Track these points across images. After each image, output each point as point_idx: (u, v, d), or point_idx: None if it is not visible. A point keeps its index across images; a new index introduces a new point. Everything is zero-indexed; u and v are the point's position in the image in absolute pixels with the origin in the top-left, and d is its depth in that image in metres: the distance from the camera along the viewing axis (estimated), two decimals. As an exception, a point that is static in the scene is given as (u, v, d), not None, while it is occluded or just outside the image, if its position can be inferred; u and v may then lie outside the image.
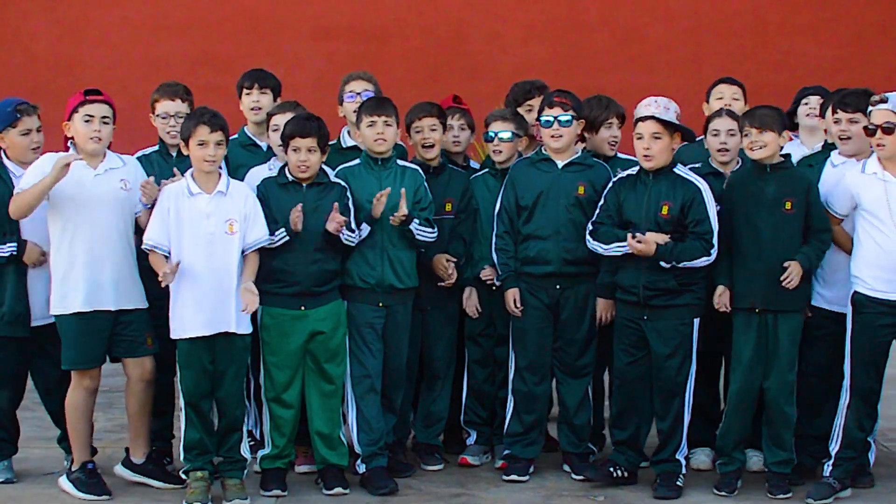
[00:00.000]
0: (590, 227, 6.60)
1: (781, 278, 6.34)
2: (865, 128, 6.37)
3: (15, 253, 6.43)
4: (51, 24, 11.28)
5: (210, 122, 6.26)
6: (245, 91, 7.18)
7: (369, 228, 6.58)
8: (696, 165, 6.87)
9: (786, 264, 6.35)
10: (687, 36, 11.25)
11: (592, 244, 6.57)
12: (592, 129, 7.01)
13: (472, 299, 6.97)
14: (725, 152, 6.83)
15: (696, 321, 6.53)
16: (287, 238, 6.40)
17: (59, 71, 10.92)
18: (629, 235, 6.37)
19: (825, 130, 6.91)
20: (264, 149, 7.02)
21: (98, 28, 11.27)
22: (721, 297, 6.47)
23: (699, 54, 11.12)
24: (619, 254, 6.48)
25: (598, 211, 6.60)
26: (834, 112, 6.61)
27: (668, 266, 6.38)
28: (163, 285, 6.17)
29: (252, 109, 7.13)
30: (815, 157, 6.83)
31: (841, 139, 6.59)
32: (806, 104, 7.15)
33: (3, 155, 6.59)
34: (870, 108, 6.35)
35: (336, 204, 6.41)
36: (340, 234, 6.41)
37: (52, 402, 6.67)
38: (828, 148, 6.81)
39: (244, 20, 11.23)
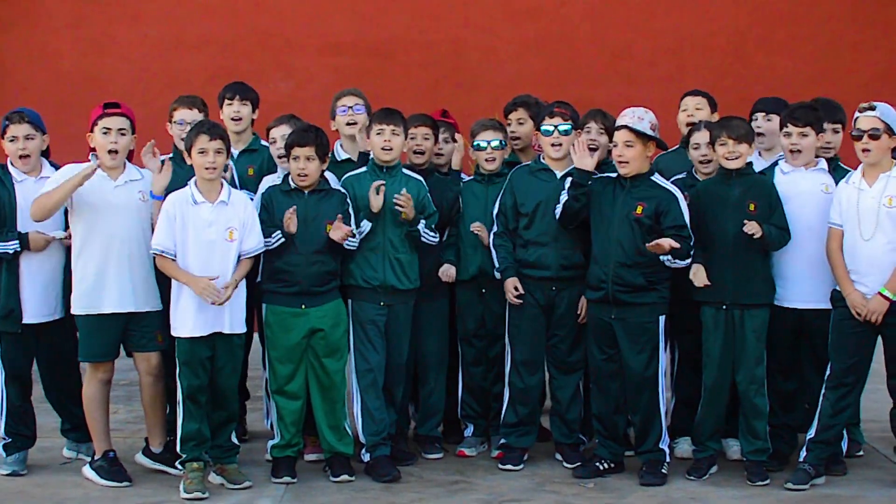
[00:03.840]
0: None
1: (745, 228, 6.31)
2: (852, 133, 6.35)
3: (18, 249, 6.42)
4: (75, 42, 11.27)
5: (209, 131, 6.29)
6: (227, 102, 7.26)
7: (370, 225, 6.56)
8: (681, 176, 6.88)
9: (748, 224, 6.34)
10: (671, 52, 11.25)
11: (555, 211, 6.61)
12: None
13: (449, 270, 6.88)
14: (707, 163, 6.84)
15: (662, 318, 6.54)
16: (283, 240, 6.40)
17: (84, 85, 10.90)
18: (653, 244, 6.31)
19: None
20: (235, 155, 7.06)
21: (120, 45, 11.25)
22: (697, 274, 6.43)
23: (683, 69, 11.10)
24: (565, 199, 6.49)
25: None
26: (784, 126, 6.59)
27: (664, 260, 6.35)
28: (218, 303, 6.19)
29: (232, 119, 7.19)
30: (767, 168, 6.77)
31: (791, 152, 6.57)
32: (754, 120, 7.06)
33: (9, 161, 6.63)
34: (857, 114, 6.33)
35: (340, 215, 6.42)
36: (344, 242, 6.43)
37: (53, 396, 6.79)
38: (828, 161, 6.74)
39: (257, 37, 11.23)
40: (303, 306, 6.48)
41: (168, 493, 6.31)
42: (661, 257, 6.37)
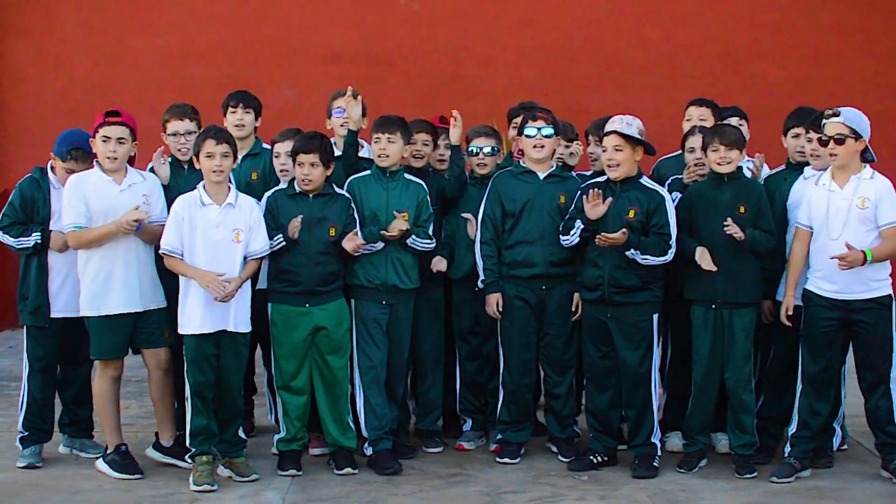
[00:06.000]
0: (561, 227, 6.62)
1: (725, 225, 6.33)
2: (819, 139, 6.39)
3: (40, 242, 6.47)
4: (89, 51, 11.30)
5: (216, 135, 6.33)
6: (230, 109, 7.22)
7: (383, 245, 6.59)
8: (678, 177, 6.90)
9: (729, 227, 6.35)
10: (663, 61, 11.27)
11: (562, 238, 6.59)
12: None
13: (440, 263, 6.87)
14: (703, 166, 6.84)
15: (655, 317, 6.55)
16: (284, 243, 6.43)
17: (96, 93, 10.93)
18: (598, 237, 6.34)
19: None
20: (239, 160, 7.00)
21: (132, 54, 11.29)
22: (703, 256, 6.42)
23: (674, 77, 11.13)
24: (576, 241, 6.49)
25: (569, 213, 6.62)
26: (807, 132, 6.62)
27: (632, 256, 6.36)
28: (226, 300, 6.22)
29: (235, 126, 7.13)
30: (791, 174, 6.82)
31: (812, 156, 6.61)
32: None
33: (49, 166, 6.65)
34: (823, 121, 6.37)
35: (357, 230, 6.47)
36: (354, 253, 6.47)
37: (66, 391, 6.82)
38: (802, 165, 6.78)
39: (264, 46, 11.26)
40: (307, 305, 6.50)
41: (178, 485, 6.32)
42: (630, 254, 6.36)
